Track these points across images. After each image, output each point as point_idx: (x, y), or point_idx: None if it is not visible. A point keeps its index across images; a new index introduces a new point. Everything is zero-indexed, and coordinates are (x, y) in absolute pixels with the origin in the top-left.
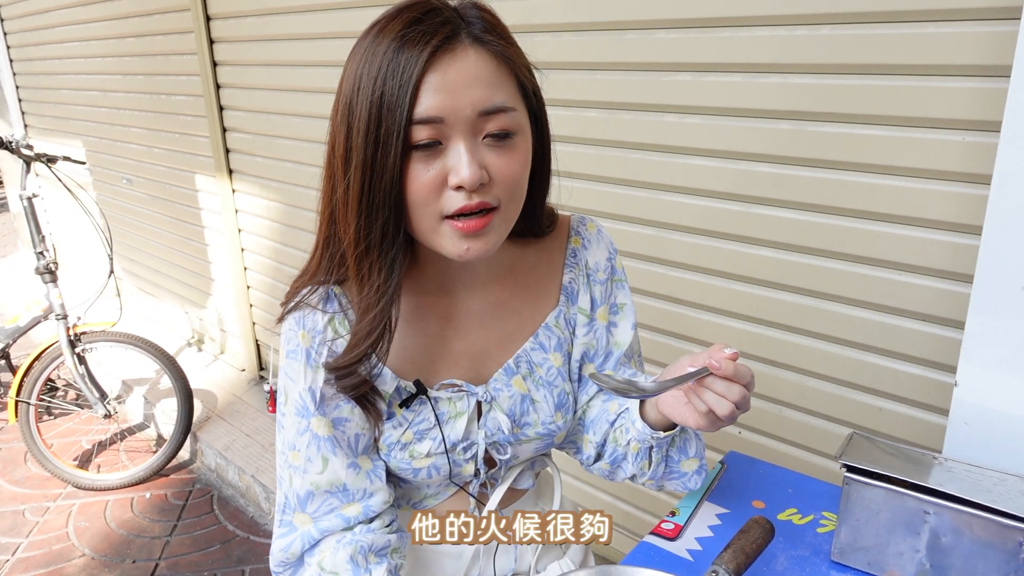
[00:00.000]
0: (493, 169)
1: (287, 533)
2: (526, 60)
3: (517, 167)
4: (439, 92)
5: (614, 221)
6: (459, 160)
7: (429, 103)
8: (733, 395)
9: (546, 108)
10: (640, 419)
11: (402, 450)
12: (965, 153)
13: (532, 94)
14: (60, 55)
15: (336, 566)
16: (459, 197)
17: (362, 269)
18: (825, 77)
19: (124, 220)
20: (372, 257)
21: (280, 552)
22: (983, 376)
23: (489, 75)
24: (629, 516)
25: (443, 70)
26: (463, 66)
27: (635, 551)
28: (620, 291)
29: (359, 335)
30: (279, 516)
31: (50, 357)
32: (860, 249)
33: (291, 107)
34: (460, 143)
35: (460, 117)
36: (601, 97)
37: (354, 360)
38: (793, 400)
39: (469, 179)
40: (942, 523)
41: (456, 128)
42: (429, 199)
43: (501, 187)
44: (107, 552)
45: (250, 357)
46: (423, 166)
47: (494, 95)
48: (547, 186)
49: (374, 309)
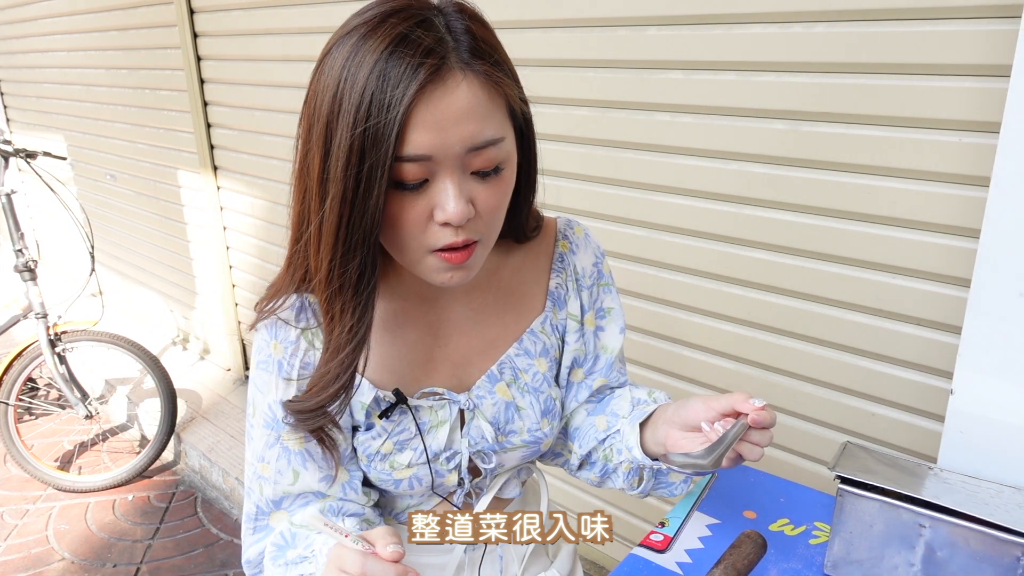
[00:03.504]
0: (479, 202)
1: (264, 536)
2: (514, 73)
3: (502, 198)
4: (428, 129)
5: (604, 222)
6: (447, 197)
7: (418, 140)
8: (765, 441)
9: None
10: (639, 448)
11: (382, 461)
12: (963, 154)
13: (519, 111)
14: (43, 48)
15: (305, 519)
16: (446, 233)
17: (333, 308)
18: (820, 76)
19: (108, 217)
20: (345, 297)
21: (257, 555)
22: (980, 384)
23: (479, 107)
24: (619, 521)
25: (433, 105)
26: (453, 99)
27: (623, 564)
28: (607, 295)
29: (327, 377)
30: (251, 524)
31: (30, 356)
32: (855, 252)
33: (277, 103)
34: (447, 179)
35: (449, 154)
36: (592, 95)
37: (319, 405)
38: (787, 405)
39: (456, 216)
40: (937, 536)
41: (444, 164)
42: (415, 234)
43: (484, 219)
44: (87, 556)
45: (235, 357)
46: (408, 202)
47: (484, 129)
48: (532, 195)
49: (343, 351)
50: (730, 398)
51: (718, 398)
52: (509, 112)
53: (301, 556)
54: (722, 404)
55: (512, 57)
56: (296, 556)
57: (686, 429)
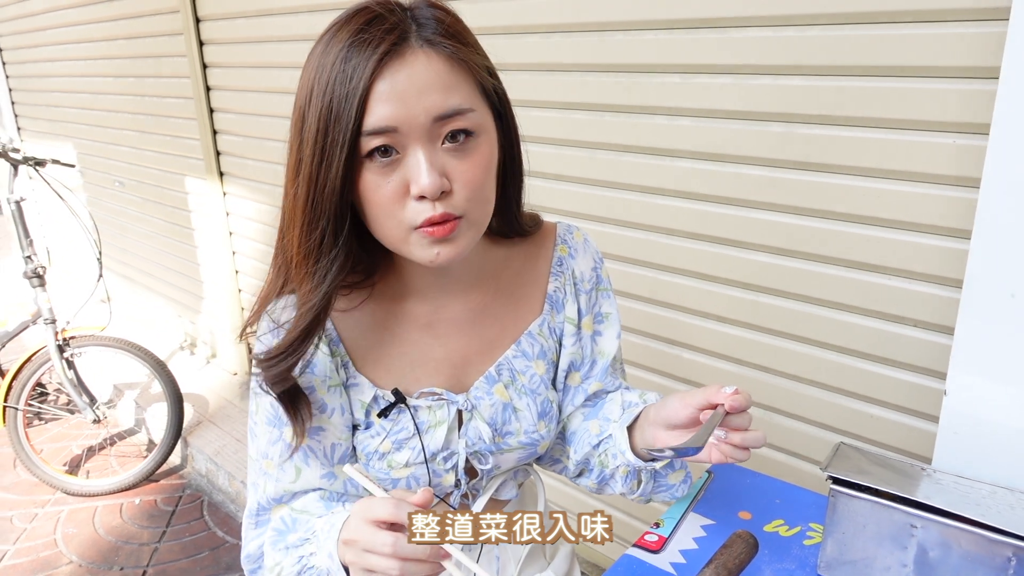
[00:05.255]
0: (454, 175)
1: (265, 531)
2: (485, 59)
3: (479, 171)
4: (389, 101)
5: (602, 224)
6: (418, 168)
7: (380, 113)
8: (746, 423)
9: (511, 105)
10: (630, 451)
11: (380, 460)
12: (955, 156)
13: (494, 92)
14: (52, 57)
15: (306, 505)
16: (424, 208)
17: (300, 273)
18: (815, 79)
19: (115, 223)
20: (309, 263)
21: (257, 549)
22: (974, 385)
23: (442, 78)
24: (617, 522)
25: (392, 77)
26: (413, 71)
27: (617, 564)
28: (605, 300)
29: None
30: (253, 519)
31: (38, 362)
32: (850, 253)
33: (282, 109)
34: (418, 151)
35: (415, 124)
36: (589, 99)
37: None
38: (783, 406)
39: (429, 187)
40: (930, 537)
41: (412, 136)
42: (393, 210)
43: (463, 194)
44: (95, 559)
45: (242, 361)
46: (382, 178)
47: (448, 98)
48: (520, 183)
49: (304, 317)
50: (705, 391)
51: (693, 393)
52: (480, 90)
53: (302, 539)
54: (698, 399)
55: (510, 62)
56: (297, 539)
57: (669, 427)
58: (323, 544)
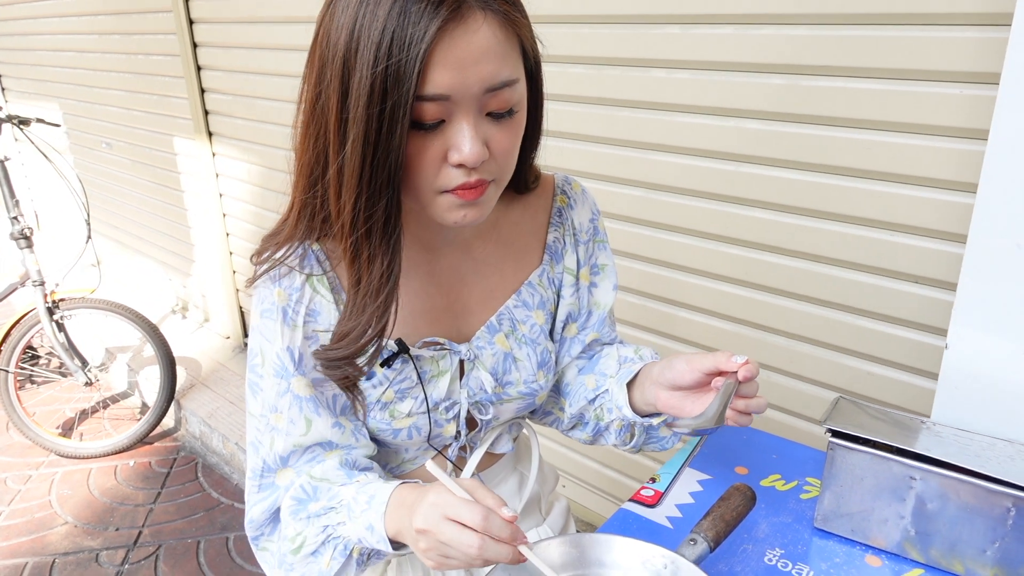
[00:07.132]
0: (492, 144)
1: (270, 494)
2: (527, 16)
3: (515, 139)
4: (448, 68)
5: (600, 182)
6: (463, 138)
7: (439, 80)
8: (754, 390)
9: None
10: (628, 406)
11: (382, 410)
12: (963, 107)
13: (532, 53)
14: (36, 15)
15: (326, 472)
16: (459, 174)
17: (361, 254)
18: (821, 28)
19: (104, 185)
20: (374, 242)
21: (262, 515)
22: (974, 339)
23: (497, 46)
24: (611, 480)
25: (453, 43)
26: (474, 38)
27: (613, 519)
28: (602, 252)
29: (360, 327)
30: (256, 481)
31: (28, 324)
32: (852, 208)
33: (272, 66)
34: (464, 120)
35: (467, 95)
36: (586, 52)
37: (352, 354)
38: (782, 365)
39: (472, 158)
40: (928, 489)
41: (461, 105)
42: (428, 175)
43: (498, 161)
44: (90, 520)
45: (234, 324)
46: (424, 143)
47: (501, 69)
48: (537, 143)
49: (381, 294)
50: (714, 358)
51: (702, 357)
52: (522, 54)
53: (326, 507)
54: (707, 364)
55: None
56: (320, 508)
57: (673, 389)
58: (358, 516)
